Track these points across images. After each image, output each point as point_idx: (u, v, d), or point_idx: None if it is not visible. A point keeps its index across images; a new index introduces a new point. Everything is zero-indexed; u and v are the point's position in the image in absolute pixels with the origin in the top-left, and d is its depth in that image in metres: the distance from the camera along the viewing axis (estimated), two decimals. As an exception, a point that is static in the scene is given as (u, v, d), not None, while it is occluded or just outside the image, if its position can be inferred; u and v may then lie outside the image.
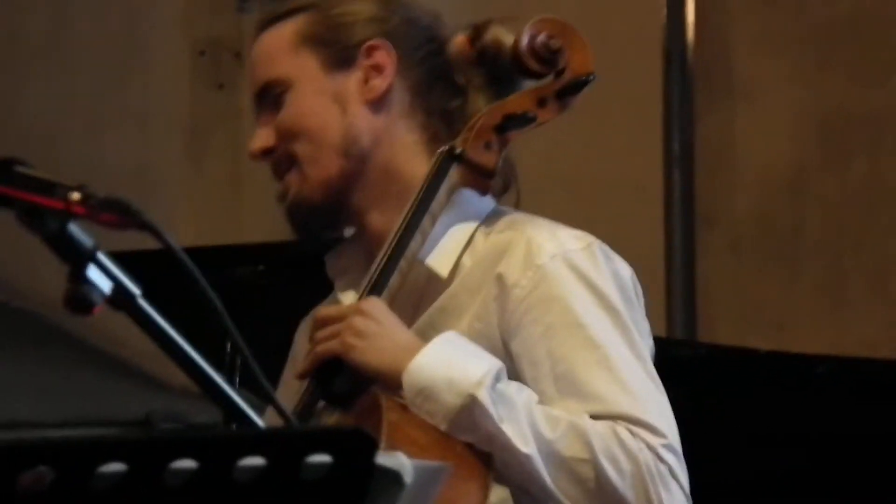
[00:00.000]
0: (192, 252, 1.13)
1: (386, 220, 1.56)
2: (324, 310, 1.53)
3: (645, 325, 1.54)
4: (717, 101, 4.42)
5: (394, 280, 1.51)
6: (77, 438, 0.92)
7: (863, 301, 4.10)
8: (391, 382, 1.46)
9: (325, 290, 1.70)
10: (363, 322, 1.47)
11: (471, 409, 1.42)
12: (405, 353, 1.46)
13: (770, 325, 4.21)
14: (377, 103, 1.57)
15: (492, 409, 1.41)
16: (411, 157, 1.56)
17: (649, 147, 4.42)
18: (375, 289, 1.51)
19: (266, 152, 1.60)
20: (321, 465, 0.97)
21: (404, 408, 1.43)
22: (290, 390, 1.64)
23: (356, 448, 0.97)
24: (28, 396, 4.02)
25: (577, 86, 1.58)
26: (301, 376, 1.51)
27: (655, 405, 1.47)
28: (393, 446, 1.35)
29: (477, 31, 1.59)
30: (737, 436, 1.48)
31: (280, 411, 1.19)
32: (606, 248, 1.54)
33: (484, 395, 1.42)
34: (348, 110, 1.56)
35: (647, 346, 1.52)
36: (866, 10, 4.14)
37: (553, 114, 1.58)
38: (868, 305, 4.08)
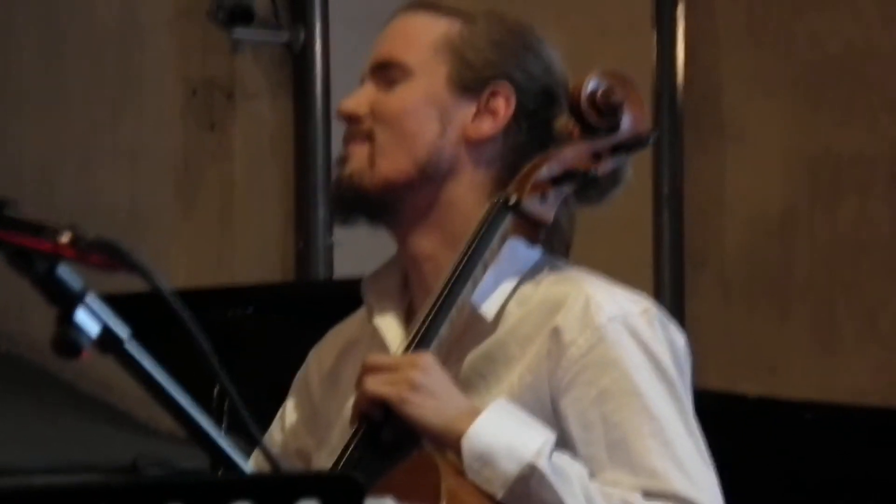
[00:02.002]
0: (182, 294, 1.12)
1: (431, 249, 1.55)
2: (376, 357, 1.49)
3: (690, 396, 1.52)
4: (706, 141, 4.44)
5: (444, 330, 1.49)
6: (64, 485, 0.92)
7: (853, 343, 4.10)
8: (444, 443, 1.44)
9: (314, 332, 1.69)
10: (420, 377, 1.44)
11: (528, 478, 1.41)
12: (464, 415, 1.44)
13: (760, 368, 4.20)
14: (475, 143, 1.55)
15: (552, 479, 1.41)
16: (479, 203, 1.54)
17: (639, 187, 4.40)
18: (426, 339, 1.48)
19: (352, 118, 1.56)
20: (309, 511, 0.96)
21: (460, 472, 1.42)
22: (303, 415, 1.63)
23: (344, 493, 0.97)
24: (14, 442, 3.99)
25: (637, 144, 1.57)
26: (351, 420, 1.48)
27: (708, 486, 1.46)
28: None
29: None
30: (725, 482, 1.48)
31: (268, 456, 1.18)
32: (662, 314, 1.53)
33: (544, 465, 1.41)
34: (447, 133, 1.54)
35: None
36: (856, 51, 4.16)
37: (606, 169, 1.56)
38: (859, 347, 4.08)
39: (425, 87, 1.54)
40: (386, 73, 1.56)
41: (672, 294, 4.29)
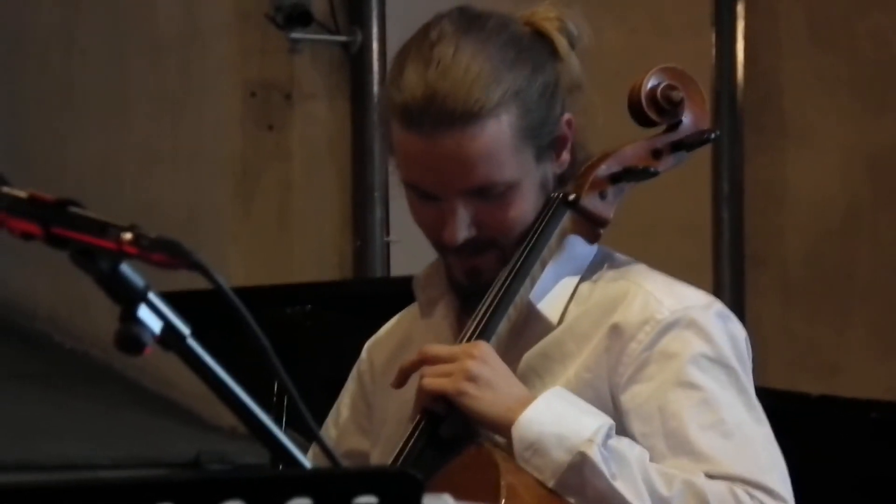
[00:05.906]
0: (242, 292, 1.13)
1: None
2: (434, 346, 1.50)
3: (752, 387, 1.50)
4: (766, 140, 4.40)
5: (502, 326, 1.49)
6: (127, 479, 0.93)
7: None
8: (499, 432, 1.44)
9: (372, 329, 1.69)
10: (477, 367, 1.44)
11: (580, 466, 1.40)
12: (517, 404, 1.44)
13: (822, 369, 4.15)
14: (562, 172, 1.55)
15: (603, 467, 1.39)
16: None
17: (698, 186, 4.40)
18: (485, 333, 1.48)
19: (468, 242, 1.53)
20: (368, 507, 0.96)
21: (519, 469, 1.42)
22: (355, 412, 1.64)
23: (403, 489, 0.97)
24: (79, 437, 4.04)
25: (698, 142, 1.55)
26: (412, 414, 1.49)
27: (773, 468, 1.44)
28: None
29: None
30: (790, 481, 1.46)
31: (327, 452, 1.19)
32: (724, 307, 1.52)
33: (595, 453, 1.40)
34: (547, 189, 1.55)
35: None
36: (919, 50, 4.11)
37: (666, 166, 1.55)
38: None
39: (528, 181, 1.52)
40: (489, 191, 1.51)
41: (732, 294, 4.26)
